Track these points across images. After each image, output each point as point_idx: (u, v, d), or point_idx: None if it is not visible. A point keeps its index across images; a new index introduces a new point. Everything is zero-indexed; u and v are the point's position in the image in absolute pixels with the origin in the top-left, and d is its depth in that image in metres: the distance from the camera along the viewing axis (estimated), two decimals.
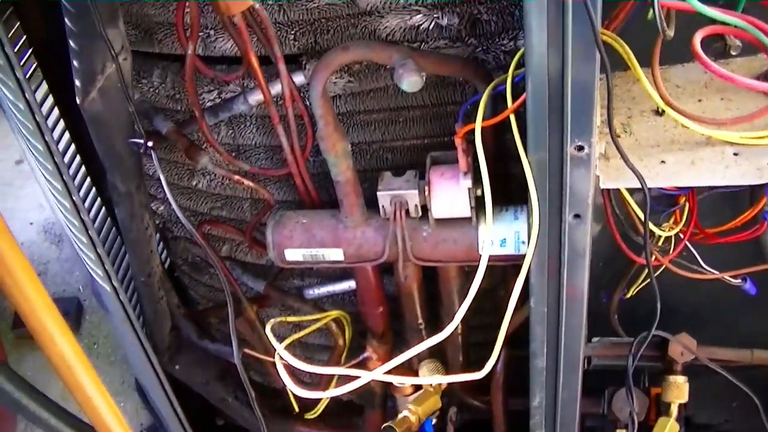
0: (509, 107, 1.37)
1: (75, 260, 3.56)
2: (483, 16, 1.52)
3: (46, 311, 1.25)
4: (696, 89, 1.51)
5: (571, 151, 1.29)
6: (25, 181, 4.13)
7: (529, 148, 1.33)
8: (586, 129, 1.26)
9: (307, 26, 1.57)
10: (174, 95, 1.76)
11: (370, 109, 1.70)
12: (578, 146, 1.28)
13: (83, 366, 1.19)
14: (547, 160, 1.33)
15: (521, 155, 1.35)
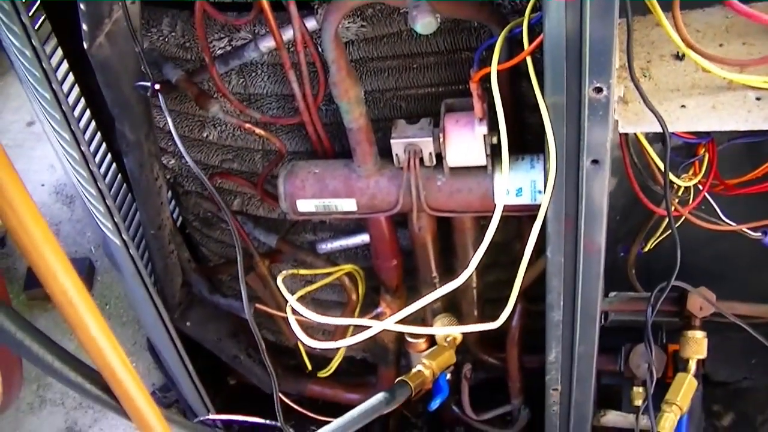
0: (526, 49, 1.33)
1: (87, 221, 3.55)
2: None
3: (61, 266, 1.23)
4: (717, 33, 1.48)
5: (590, 94, 1.25)
6: (36, 143, 4.11)
7: (546, 91, 1.30)
8: (604, 70, 1.23)
9: None
10: (184, 44, 1.73)
11: (383, 56, 1.66)
12: (597, 88, 1.25)
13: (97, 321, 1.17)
14: (565, 104, 1.30)
15: (538, 99, 1.31)
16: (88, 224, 3.59)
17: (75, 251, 3.58)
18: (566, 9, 1.18)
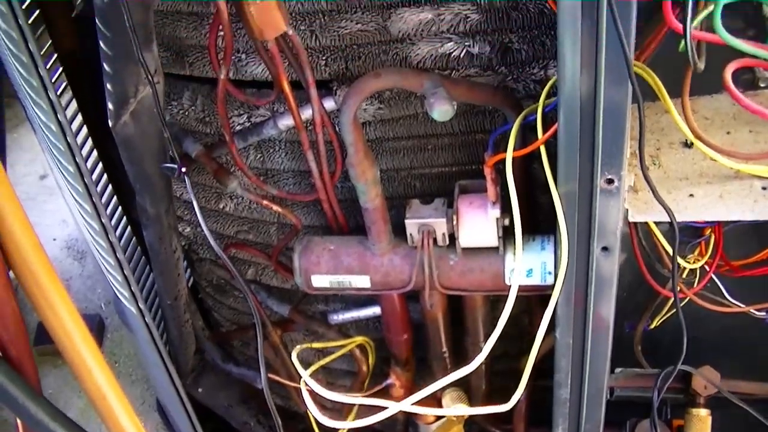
0: (540, 138, 1.37)
1: (97, 277, 3.57)
2: (514, 45, 1.52)
3: (73, 323, 1.26)
4: (725, 120, 1.51)
5: (601, 184, 1.28)
6: (49, 197, 4.14)
7: (559, 179, 1.33)
8: (616, 162, 1.26)
9: (339, 52, 1.58)
10: (204, 118, 1.77)
11: (399, 136, 1.70)
12: (608, 179, 1.28)
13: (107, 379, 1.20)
14: (577, 192, 1.32)
15: (551, 187, 1.35)
16: (99, 280, 3.61)
17: (85, 307, 3.60)
18: (580, 101, 1.22)
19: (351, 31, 1.53)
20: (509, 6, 1.48)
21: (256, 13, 1.33)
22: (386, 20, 1.51)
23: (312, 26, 1.54)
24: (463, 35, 1.52)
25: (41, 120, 1.58)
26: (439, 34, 1.52)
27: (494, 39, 1.52)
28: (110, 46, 1.36)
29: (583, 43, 1.16)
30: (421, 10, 1.50)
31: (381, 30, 1.52)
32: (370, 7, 1.51)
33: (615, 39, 1.12)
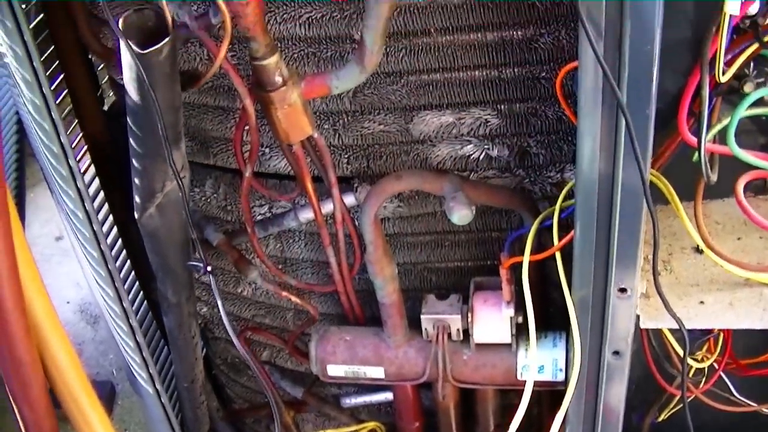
0: (555, 244, 1.41)
1: (110, 343, 3.58)
2: (532, 149, 1.56)
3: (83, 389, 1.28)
4: (736, 226, 1.54)
5: (615, 293, 1.32)
6: (64, 258, 4.16)
7: (574, 285, 1.37)
8: (630, 272, 1.30)
9: (361, 151, 1.62)
10: (225, 206, 1.81)
11: (417, 232, 1.74)
12: (621, 288, 1.31)
13: None
14: (591, 298, 1.36)
15: (565, 293, 1.38)
16: (111, 346, 3.62)
17: (97, 373, 3.60)
18: (597, 212, 1.26)
19: (373, 132, 1.57)
20: (528, 112, 1.52)
21: (283, 117, 1.38)
22: (408, 123, 1.55)
23: (335, 125, 1.58)
24: (483, 138, 1.56)
25: (68, 207, 1.63)
26: (459, 137, 1.56)
27: (513, 143, 1.56)
28: (140, 144, 1.40)
29: (601, 157, 1.20)
30: (442, 113, 1.54)
31: (403, 131, 1.56)
32: (393, 110, 1.55)
33: (632, 157, 1.16)
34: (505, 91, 1.50)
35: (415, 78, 1.51)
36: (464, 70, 1.49)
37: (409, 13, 1.42)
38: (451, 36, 1.45)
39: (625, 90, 1.14)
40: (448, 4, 1.40)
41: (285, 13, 1.46)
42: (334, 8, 1.43)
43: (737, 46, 1.26)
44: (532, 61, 1.47)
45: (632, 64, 1.12)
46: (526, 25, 1.43)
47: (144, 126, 1.37)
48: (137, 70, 1.26)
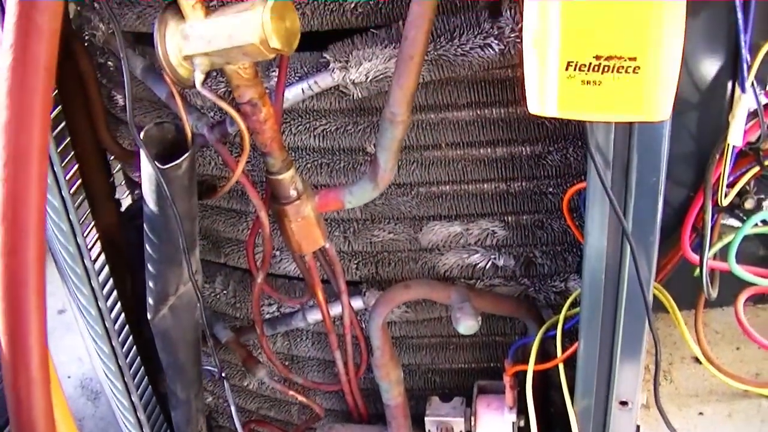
0: (559, 356, 1.44)
1: (110, 419, 3.57)
2: (537, 260, 1.59)
3: None
4: (735, 335, 1.57)
5: (616, 405, 1.35)
6: (66, 332, 4.14)
7: (576, 395, 1.40)
8: (631, 386, 1.33)
9: (370, 257, 1.65)
10: (235, 303, 1.84)
11: (422, 335, 1.77)
12: (623, 401, 1.34)
13: None
14: (592, 408, 1.39)
15: (567, 405, 1.41)
16: (111, 422, 3.62)
17: None
18: (601, 332, 1.29)
19: (383, 240, 1.61)
20: (535, 224, 1.56)
21: (297, 229, 1.41)
22: (417, 232, 1.58)
23: (346, 233, 1.62)
24: (490, 248, 1.60)
25: (81, 303, 1.66)
26: (466, 247, 1.60)
27: (519, 253, 1.60)
28: (156, 250, 1.43)
29: (607, 276, 1.24)
30: (451, 224, 1.58)
31: (412, 240, 1.60)
32: (403, 219, 1.59)
33: (635, 277, 1.20)
34: (513, 204, 1.54)
35: (426, 190, 1.55)
36: (473, 183, 1.53)
37: (422, 129, 1.46)
38: (462, 150, 1.49)
39: (630, 218, 1.18)
40: (459, 121, 1.45)
41: (300, 125, 1.50)
42: (348, 122, 1.48)
43: (739, 169, 1.31)
44: (540, 176, 1.50)
45: (638, 194, 1.16)
46: (534, 142, 1.47)
47: (161, 234, 1.41)
48: (157, 182, 1.30)
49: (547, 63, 0.93)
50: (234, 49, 1.15)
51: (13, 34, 0.53)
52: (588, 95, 0.94)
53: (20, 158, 0.54)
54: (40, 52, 0.53)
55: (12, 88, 0.53)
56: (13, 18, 0.52)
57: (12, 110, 0.53)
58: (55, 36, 0.54)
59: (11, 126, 0.53)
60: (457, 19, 1.33)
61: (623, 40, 0.90)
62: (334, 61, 1.37)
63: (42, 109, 0.54)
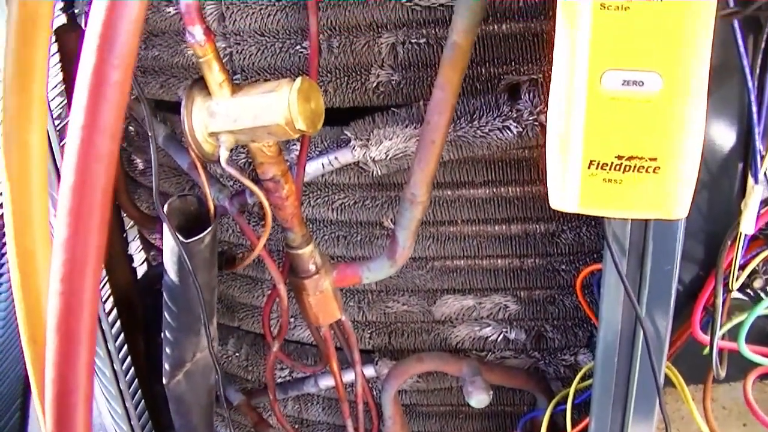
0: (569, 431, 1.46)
1: None
2: (548, 333, 1.61)
3: None
4: (742, 412, 1.57)
5: None
6: None
7: None
8: None
9: (384, 328, 1.67)
10: (247, 366, 1.85)
11: (433, 404, 1.78)
12: None
13: None
14: None
15: None
16: None
17: None
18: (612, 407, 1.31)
19: (397, 311, 1.63)
20: (546, 300, 1.58)
21: (315, 303, 1.44)
22: (431, 305, 1.61)
23: (360, 303, 1.64)
24: (501, 322, 1.62)
25: (96, 365, 1.67)
26: (479, 320, 1.62)
27: (530, 327, 1.62)
28: (174, 318, 1.45)
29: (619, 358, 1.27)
30: (464, 297, 1.60)
31: (425, 312, 1.62)
32: (417, 292, 1.61)
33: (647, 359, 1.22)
34: (526, 279, 1.56)
35: (440, 264, 1.57)
36: (488, 258, 1.55)
37: (438, 205, 1.48)
38: (477, 227, 1.51)
39: (644, 304, 1.20)
40: (475, 199, 1.47)
41: (319, 198, 1.52)
42: (367, 196, 1.50)
43: (750, 252, 1.33)
44: (554, 253, 1.53)
45: (653, 282, 1.18)
46: (549, 220, 1.49)
47: (180, 303, 1.43)
48: (179, 254, 1.32)
49: (570, 161, 0.96)
50: (259, 129, 1.18)
51: (75, 157, 0.55)
52: (609, 193, 0.96)
53: (76, 274, 0.57)
54: (99, 174, 0.55)
55: (72, 208, 0.55)
56: (76, 141, 0.55)
57: (72, 229, 0.55)
58: (114, 158, 0.57)
59: (70, 244, 0.56)
60: (477, 101, 1.35)
61: (644, 141, 0.93)
62: (355, 139, 1.39)
63: (99, 227, 0.56)
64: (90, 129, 0.55)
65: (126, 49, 0.55)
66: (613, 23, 0.89)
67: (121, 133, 0.58)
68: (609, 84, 0.91)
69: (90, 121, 0.55)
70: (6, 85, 0.63)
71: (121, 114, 0.56)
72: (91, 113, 0.55)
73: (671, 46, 0.89)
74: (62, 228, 0.56)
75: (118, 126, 0.56)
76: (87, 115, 0.55)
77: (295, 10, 1.35)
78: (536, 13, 1.30)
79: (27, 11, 0.62)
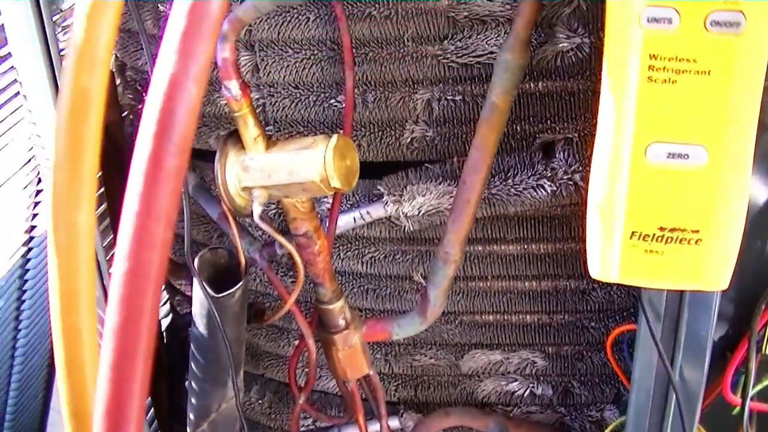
0: None
1: None
2: (575, 389, 1.60)
3: None
4: None
5: None
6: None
7: None
8: None
9: (410, 380, 1.66)
10: (270, 414, 1.84)
11: None
12: None
13: None
14: None
15: None
16: None
17: None
18: None
19: (424, 365, 1.62)
20: (575, 356, 1.57)
21: (343, 357, 1.43)
22: (459, 359, 1.60)
23: (387, 356, 1.63)
24: (529, 377, 1.60)
25: None
26: (506, 374, 1.61)
27: (557, 382, 1.61)
28: (201, 370, 1.45)
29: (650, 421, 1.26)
30: (492, 352, 1.59)
31: (452, 366, 1.61)
32: (445, 345, 1.60)
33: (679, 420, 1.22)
34: (555, 336, 1.55)
35: (469, 318, 1.56)
36: (517, 314, 1.54)
37: (469, 261, 1.47)
38: (507, 283, 1.50)
39: (678, 369, 1.19)
40: (506, 255, 1.47)
41: (349, 251, 1.52)
42: (397, 250, 1.50)
43: None
44: (583, 310, 1.52)
45: (686, 347, 1.18)
46: (579, 277, 1.48)
47: (208, 355, 1.43)
48: (209, 308, 1.32)
49: (611, 231, 0.95)
50: (294, 185, 1.18)
51: (128, 244, 0.55)
52: (650, 264, 0.96)
53: (127, 362, 0.56)
54: (152, 262, 0.55)
55: (124, 295, 0.55)
56: (129, 229, 0.54)
57: (123, 316, 0.55)
58: (168, 245, 0.56)
59: (121, 331, 0.55)
60: (512, 159, 1.35)
61: (688, 213, 0.92)
62: (388, 194, 1.39)
63: (151, 314, 0.56)
64: (145, 216, 0.54)
65: (184, 135, 0.55)
66: (660, 96, 0.88)
67: (176, 220, 0.58)
68: (654, 156, 0.91)
69: (145, 209, 0.54)
70: (56, 162, 0.63)
71: (177, 200, 0.55)
72: (147, 200, 0.54)
73: (718, 119, 0.88)
74: (113, 314, 0.55)
75: (173, 213, 0.55)
76: (142, 202, 0.54)
77: (330, 64, 1.34)
78: (573, 73, 1.29)
79: (79, 88, 0.61)
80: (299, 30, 1.33)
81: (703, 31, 0.86)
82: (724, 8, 0.84)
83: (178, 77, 0.55)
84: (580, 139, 1.33)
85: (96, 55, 0.61)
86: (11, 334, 2.34)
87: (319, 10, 1.31)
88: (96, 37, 0.61)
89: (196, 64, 0.56)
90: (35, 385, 2.58)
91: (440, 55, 1.30)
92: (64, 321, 0.67)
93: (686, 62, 0.87)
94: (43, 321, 2.38)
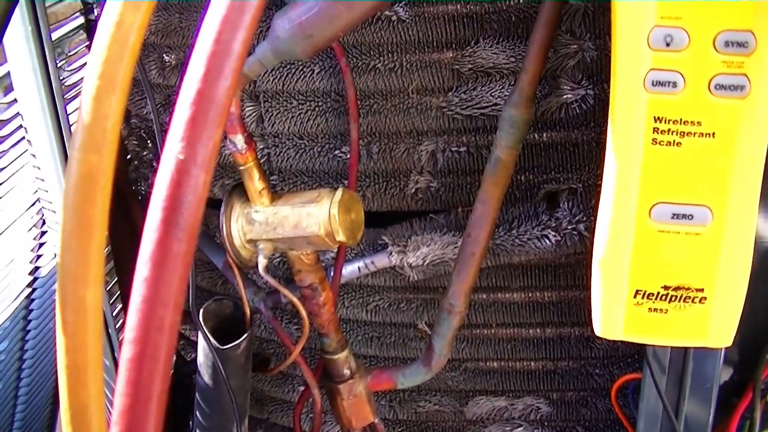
0: None
1: None
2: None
3: None
4: None
5: None
6: None
7: None
8: None
9: (414, 426, 1.66)
10: None
11: None
12: None
13: None
14: None
15: None
16: None
17: None
18: None
19: (428, 411, 1.62)
20: (579, 402, 1.57)
21: (348, 406, 1.43)
22: (463, 405, 1.60)
23: (392, 403, 1.63)
24: (533, 423, 1.60)
25: None
26: (510, 420, 1.61)
27: (561, 428, 1.61)
28: (206, 418, 1.45)
29: None
30: (496, 399, 1.59)
31: (457, 412, 1.61)
32: (449, 392, 1.60)
33: None
34: (559, 382, 1.55)
35: (473, 365, 1.56)
36: (521, 361, 1.54)
37: (473, 309, 1.48)
38: (511, 330, 1.50)
39: (683, 420, 1.19)
40: (511, 303, 1.47)
41: (353, 299, 1.52)
42: (402, 299, 1.50)
43: None
44: (588, 357, 1.52)
45: (691, 399, 1.18)
46: (583, 325, 1.48)
47: (213, 405, 1.43)
48: (213, 359, 1.32)
49: (615, 289, 0.95)
50: (299, 239, 1.18)
51: (135, 329, 0.55)
52: (654, 322, 0.96)
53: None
54: (160, 346, 0.55)
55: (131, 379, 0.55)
56: (137, 315, 0.55)
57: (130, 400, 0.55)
58: (176, 329, 0.57)
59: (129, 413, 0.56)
60: (516, 210, 1.35)
61: (692, 273, 0.93)
62: (393, 244, 1.39)
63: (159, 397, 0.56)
64: (152, 303, 0.55)
65: (191, 221, 0.55)
66: (665, 158, 0.89)
67: (183, 303, 0.58)
68: (658, 217, 0.91)
69: (153, 295, 0.54)
70: (63, 241, 0.63)
71: (184, 285, 0.56)
72: (154, 287, 0.54)
73: (722, 180, 0.89)
74: (120, 398, 0.55)
75: (181, 297, 0.55)
76: (149, 288, 0.54)
77: (335, 115, 1.35)
78: (577, 124, 1.30)
79: (87, 169, 0.62)
80: (304, 81, 1.34)
81: (707, 95, 0.86)
82: (729, 72, 0.84)
83: (185, 164, 0.56)
84: (584, 190, 1.33)
85: (103, 136, 0.62)
86: (15, 374, 2.34)
87: (324, 62, 1.32)
88: (103, 118, 0.62)
89: (203, 151, 0.56)
90: (38, 423, 2.58)
91: (444, 107, 1.31)
92: (71, 398, 0.67)
93: (691, 125, 0.87)
94: (46, 361, 2.38)
